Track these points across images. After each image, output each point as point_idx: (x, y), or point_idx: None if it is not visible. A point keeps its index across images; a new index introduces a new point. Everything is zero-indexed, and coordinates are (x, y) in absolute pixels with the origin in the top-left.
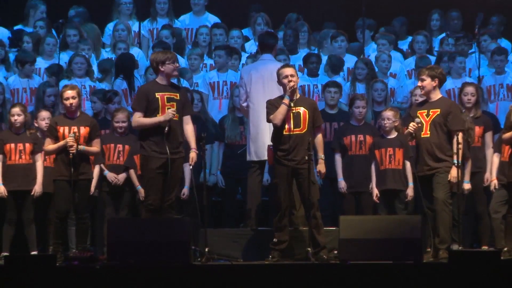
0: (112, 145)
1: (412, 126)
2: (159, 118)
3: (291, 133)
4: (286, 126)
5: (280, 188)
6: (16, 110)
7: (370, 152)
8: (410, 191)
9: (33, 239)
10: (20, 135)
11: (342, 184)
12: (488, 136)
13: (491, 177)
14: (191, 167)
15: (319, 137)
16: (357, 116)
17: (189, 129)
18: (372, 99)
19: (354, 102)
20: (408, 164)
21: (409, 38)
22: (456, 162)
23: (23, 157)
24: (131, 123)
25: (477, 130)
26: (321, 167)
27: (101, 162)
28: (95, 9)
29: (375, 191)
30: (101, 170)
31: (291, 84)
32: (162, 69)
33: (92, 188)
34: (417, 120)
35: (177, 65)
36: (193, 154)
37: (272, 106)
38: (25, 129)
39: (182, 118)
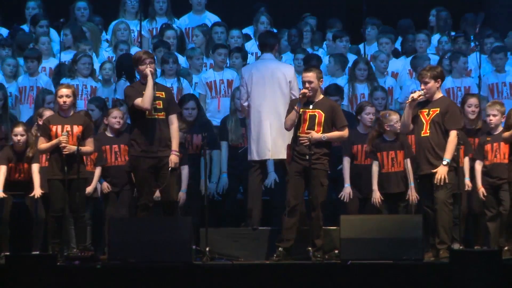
0: (108, 146)
1: (417, 92)
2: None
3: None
4: (301, 128)
5: (290, 185)
6: (20, 130)
7: (373, 153)
8: (412, 192)
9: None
10: (22, 154)
11: (348, 190)
12: None
13: (477, 186)
14: (170, 168)
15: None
16: (367, 122)
17: (173, 128)
18: None
19: (364, 109)
20: (408, 163)
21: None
22: (445, 161)
23: (22, 176)
24: (144, 105)
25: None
26: (315, 134)
27: (103, 163)
28: (102, 5)
29: (378, 194)
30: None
31: (302, 91)
32: (137, 70)
33: (91, 189)
34: (420, 92)
35: (145, 67)
36: (172, 157)
37: (290, 107)
38: (27, 146)
39: (168, 117)
